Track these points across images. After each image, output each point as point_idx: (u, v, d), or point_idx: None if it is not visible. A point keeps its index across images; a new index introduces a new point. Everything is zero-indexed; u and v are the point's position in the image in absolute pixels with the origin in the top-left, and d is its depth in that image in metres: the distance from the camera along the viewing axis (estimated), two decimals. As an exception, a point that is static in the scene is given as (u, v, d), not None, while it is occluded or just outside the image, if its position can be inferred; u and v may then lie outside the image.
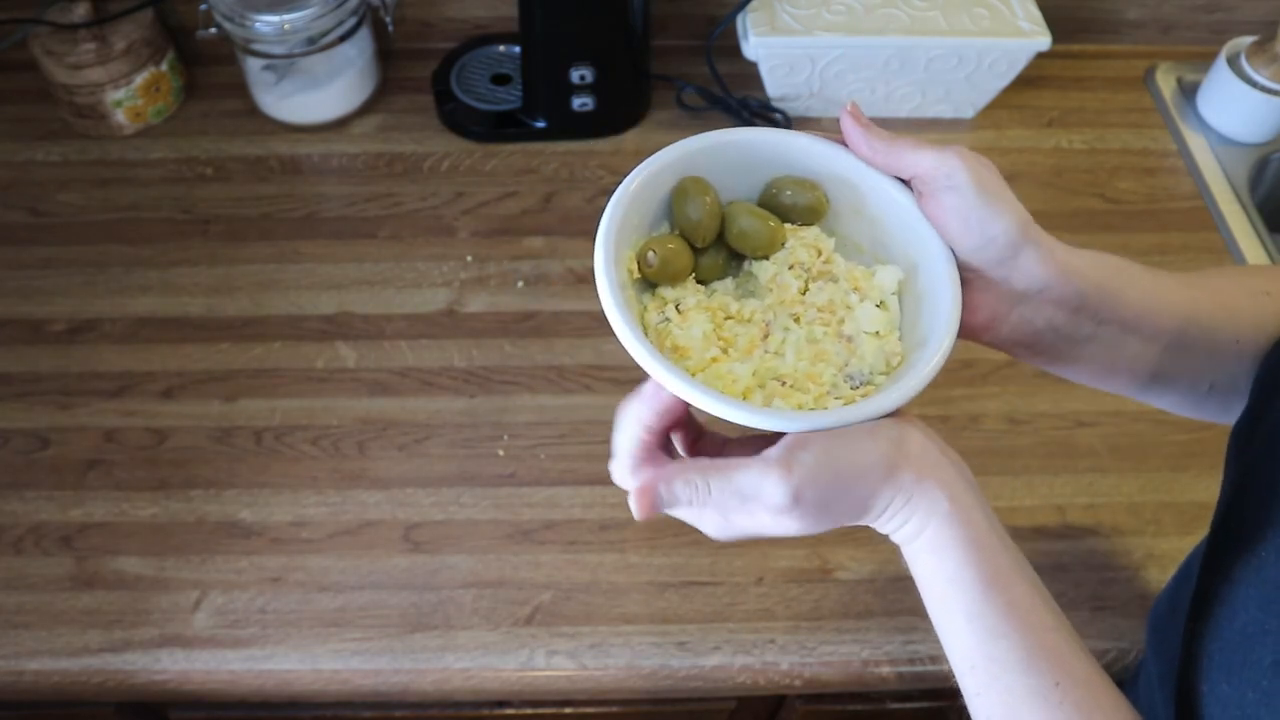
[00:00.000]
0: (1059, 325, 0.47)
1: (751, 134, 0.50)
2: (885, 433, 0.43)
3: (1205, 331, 0.50)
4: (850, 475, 0.42)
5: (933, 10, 1.00)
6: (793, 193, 0.50)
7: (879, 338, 0.48)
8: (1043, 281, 0.46)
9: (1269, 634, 0.40)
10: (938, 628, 0.45)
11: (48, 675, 0.71)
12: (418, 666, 0.71)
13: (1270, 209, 1.06)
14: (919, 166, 0.46)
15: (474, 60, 1.09)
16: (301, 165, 1.02)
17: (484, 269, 0.93)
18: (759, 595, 0.75)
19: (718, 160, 0.50)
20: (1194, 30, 1.14)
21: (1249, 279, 0.54)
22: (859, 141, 0.47)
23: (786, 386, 0.47)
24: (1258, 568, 0.43)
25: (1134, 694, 0.59)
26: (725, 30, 1.02)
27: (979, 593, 0.43)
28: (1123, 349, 0.49)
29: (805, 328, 0.48)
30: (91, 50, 0.98)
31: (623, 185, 0.47)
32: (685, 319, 0.47)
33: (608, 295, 0.44)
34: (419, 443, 0.82)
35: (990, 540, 0.44)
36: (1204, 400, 0.53)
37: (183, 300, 0.90)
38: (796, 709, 0.81)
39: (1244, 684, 0.41)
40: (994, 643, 0.43)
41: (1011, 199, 0.45)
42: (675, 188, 0.49)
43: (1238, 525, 0.46)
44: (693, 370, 0.46)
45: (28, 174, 1.00)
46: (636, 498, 0.43)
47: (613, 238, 0.46)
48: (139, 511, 0.78)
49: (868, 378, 0.47)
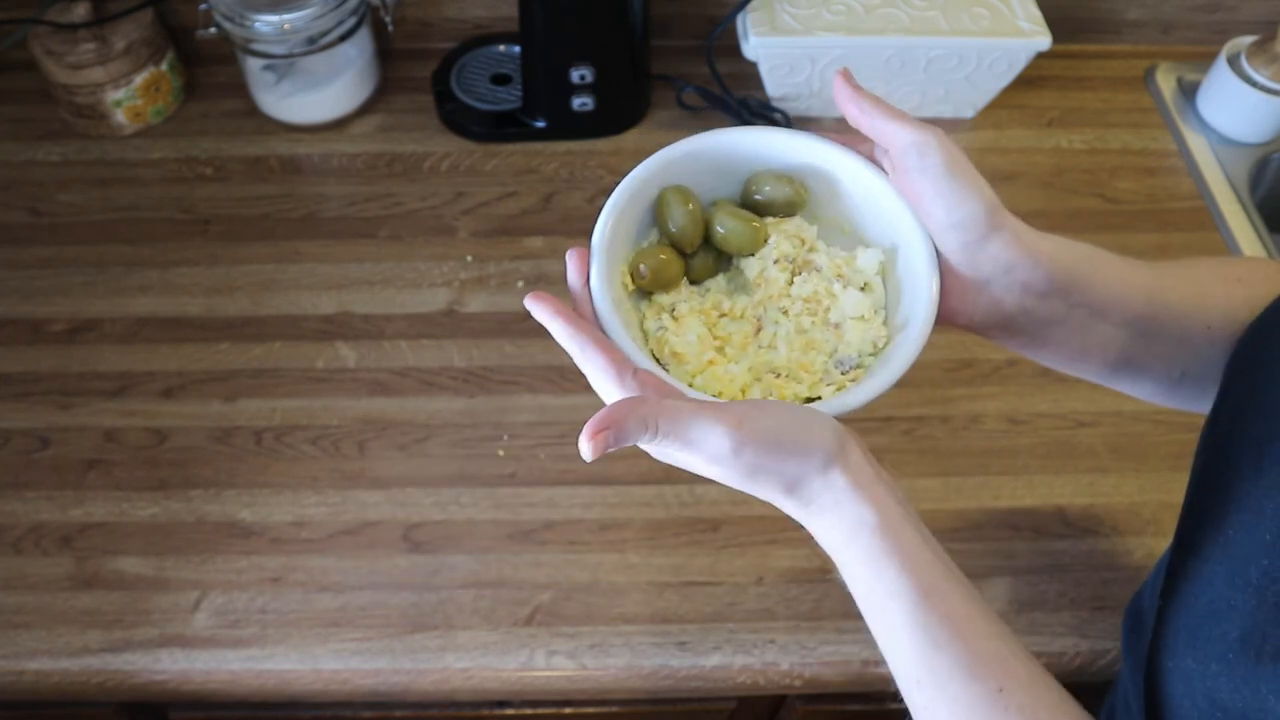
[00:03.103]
0: (1029, 308, 0.48)
1: (726, 136, 0.52)
2: (834, 430, 0.45)
3: (1176, 318, 0.50)
4: (791, 450, 0.43)
5: (933, 10, 1.00)
6: (771, 188, 0.52)
7: (864, 322, 0.50)
8: (1010, 264, 0.46)
9: (1235, 609, 0.41)
10: (880, 642, 0.46)
11: (48, 675, 0.71)
12: (418, 666, 0.71)
13: (1270, 209, 1.06)
14: (897, 138, 0.46)
15: (474, 60, 1.09)
16: (301, 165, 1.02)
17: (484, 269, 0.93)
18: (759, 595, 0.75)
19: (696, 165, 0.51)
20: (1194, 30, 1.14)
21: (1224, 267, 0.55)
22: (847, 101, 0.47)
23: (781, 378, 0.48)
24: (1224, 546, 0.43)
25: (1112, 697, 0.59)
26: (725, 30, 1.02)
27: (916, 604, 0.43)
28: (1093, 333, 0.49)
29: (794, 319, 0.50)
30: (91, 50, 0.98)
31: (605, 210, 0.49)
32: (679, 325, 0.49)
33: (610, 321, 0.46)
34: (419, 443, 0.82)
35: (924, 553, 0.44)
36: (1177, 387, 0.54)
37: (183, 300, 0.90)
38: (796, 709, 0.81)
39: (1208, 657, 0.41)
40: (936, 653, 0.43)
41: (981, 182, 0.46)
42: (658, 198, 0.51)
43: (1206, 503, 0.47)
44: (691, 374, 0.48)
45: (28, 174, 1.00)
46: (590, 439, 0.41)
47: (603, 260, 0.47)
48: (139, 511, 0.78)
49: (856, 361, 0.49)
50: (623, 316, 0.47)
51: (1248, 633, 0.39)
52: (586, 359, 0.45)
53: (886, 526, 0.44)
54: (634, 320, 0.49)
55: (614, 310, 0.46)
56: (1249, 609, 0.40)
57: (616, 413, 0.41)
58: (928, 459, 0.82)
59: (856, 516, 0.44)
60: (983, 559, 0.77)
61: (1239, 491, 0.44)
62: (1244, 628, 0.40)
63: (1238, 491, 0.44)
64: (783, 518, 0.45)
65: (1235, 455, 0.46)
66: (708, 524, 0.78)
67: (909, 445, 0.83)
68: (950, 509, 0.80)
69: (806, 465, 0.43)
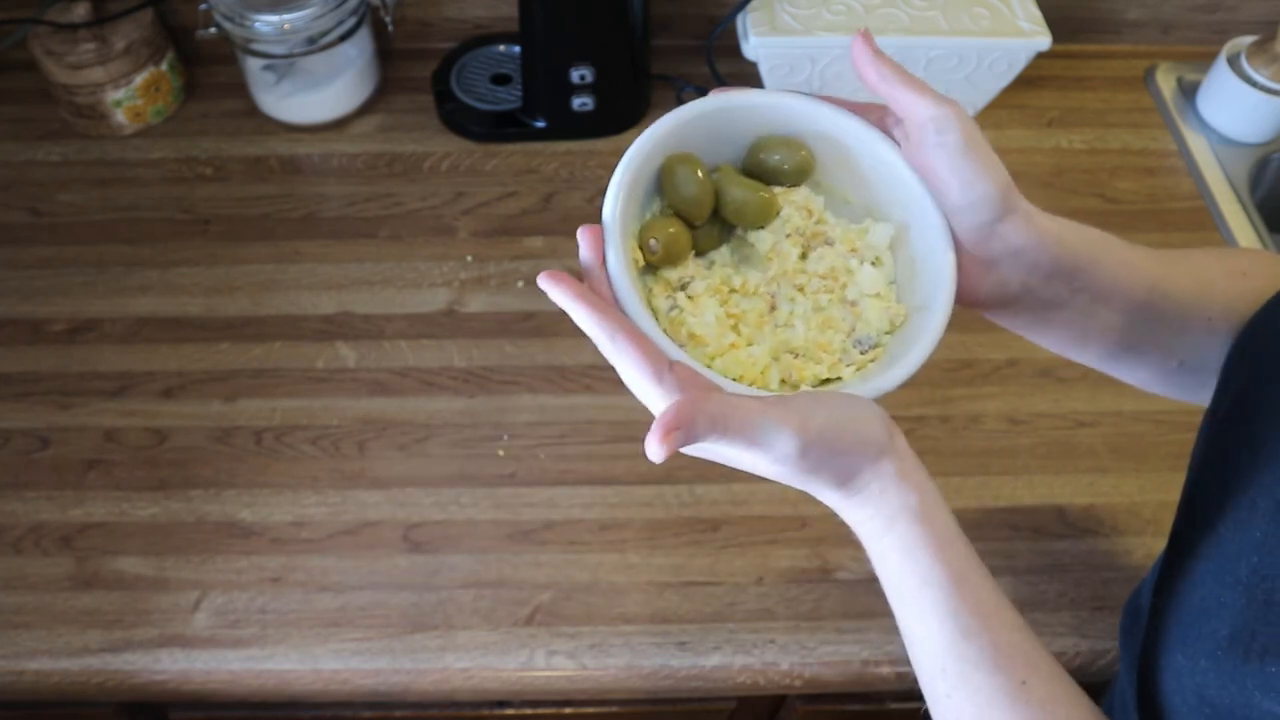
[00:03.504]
0: (1034, 289, 0.48)
1: (729, 98, 0.49)
2: (883, 419, 0.44)
3: (1176, 306, 0.50)
4: (851, 444, 0.42)
5: (933, 10, 1.00)
6: (780, 154, 0.49)
7: (880, 299, 0.48)
8: (1021, 245, 0.46)
9: (1225, 607, 0.41)
10: (905, 630, 0.46)
11: (48, 675, 0.71)
12: (418, 666, 0.71)
13: (1270, 209, 1.06)
14: (916, 110, 0.45)
15: (474, 60, 1.09)
16: (301, 165, 1.01)
17: (484, 269, 0.93)
18: (759, 595, 0.75)
19: (702, 130, 0.48)
20: (1194, 30, 1.14)
21: (1229, 259, 0.55)
22: (867, 64, 0.45)
23: (800, 359, 0.47)
24: (1216, 543, 0.43)
25: (1110, 695, 0.59)
26: (725, 30, 1.02)
27: (950, 592, 0.43)
28: (1094, 317, 0.49)
29: (810, 297, 0.48)
30: (91, 50, 0.98)
31: (614, 183, 0.46)
32: (696, 304, 0.47)
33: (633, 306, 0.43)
34: (419, 443, 0.82)
35: (957, 543, 0.45)
36: (1175, 376, 0.53)
37: (183, 300, 0.90)
38: (796, 709, 0.81)
39: (1198, 654, 0.41)
40: (965, 642, 0.43)
41: (997, 162, 0.45)
42: (663, 166, 0.48)
43: (1202, 502, 0.47)
44: (711, 357, 0.46)
45: (28, 174, 1.00)
46: (660, 440, 0.38)
47: (618, 237, 0.44)
48: (139, 511, 0.78)
49: (875, 340, 0.47)
50: (642, 299, 0.44)
51: (1236, 630, 0.39)
52: (619, 351, 0.42)
53: (925, 512, 0.44)
54: (645, 300, 0.46)
55: (635, 293, 0.44)
56: (1238, 606, 0.40)
57: (685, 412, 0.39)
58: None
59: (900, 502, 0.44)
60: (983, 559, 0.77)
61: (1233, 489, 0.44)
62: (1233, 625, 0.40)
63: (1232, 489, 0.44)
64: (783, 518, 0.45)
65: (1231, 453, 0.46)
66: (708, 524, 0.78)
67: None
68: (950, 509, 0.79)
69: (863, 458, 0.43)
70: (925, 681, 0.45)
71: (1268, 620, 0.38)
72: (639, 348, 0.42)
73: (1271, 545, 0.39)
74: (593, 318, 0.42)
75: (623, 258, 0.44)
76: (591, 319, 0.42)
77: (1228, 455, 0.46)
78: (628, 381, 0.43)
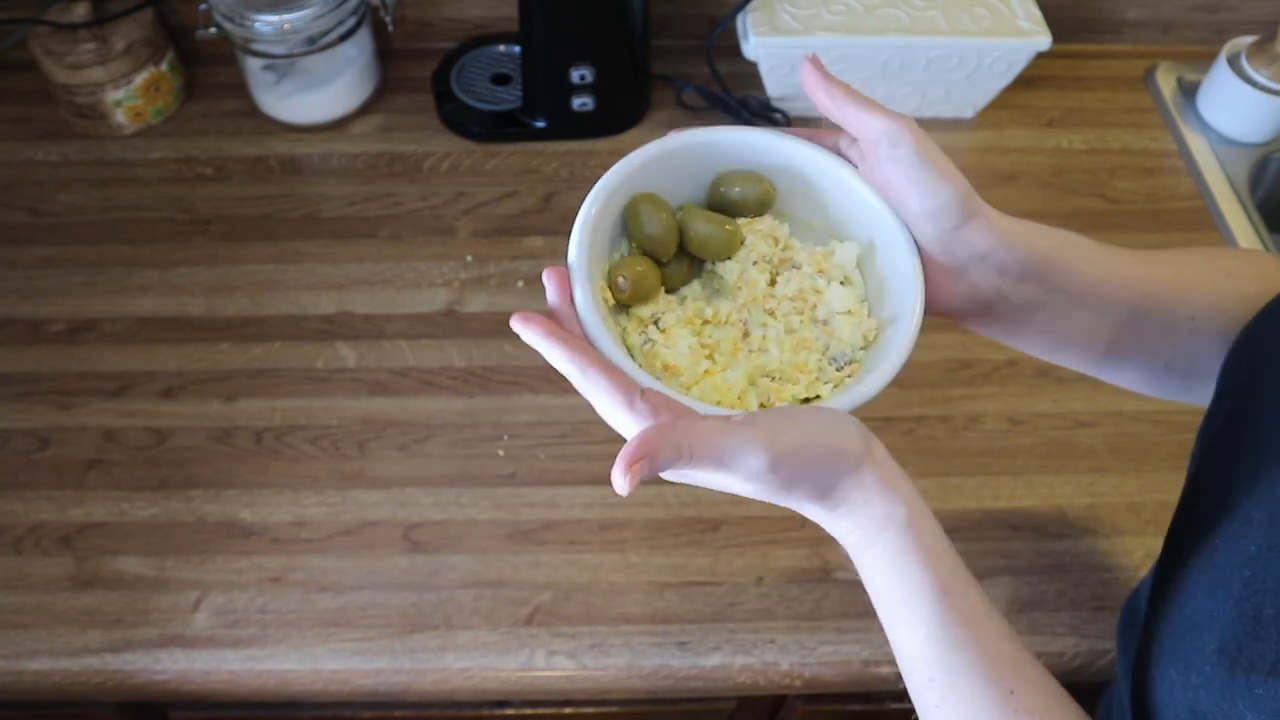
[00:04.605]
0: (1006, 293, 0.48)
1: (689, 137, 0.50)
2: (860, 429, 0.44)
3: (1160, 308, 0.50)
4: (825, 455, 0.43)
5: (933, 10, 1.00)
6: (741, 188, 0.51)
7: (852, 315, 0.49)
8: (986, 248, 0.46)
9: (1215, 620, 0.40)
10: (894, 640, 0.46)
11: (48, 675, 0.71)
12: (418, 666, 0.71)
13: (1270, 209, 1.06)
14: (869, 127, 0.46)
15: (474, 60, 1.09)
16: (301, 165, 1.02)
17: (484, 269, 0.93)
18: (759, 595, 0.75)
19: (662, 169, 0.50)
20: (1194, 30, 1.14)
21: (1216, 259, 0.54)
22: (816, 88, 0.46)
23: (776, 381, 0.48)
24: (1209, 554, 0.43)
25: (1109, 695, 0.59)
26: (725, 30, 1.02)
27: (937, 602, 0.43)
28: (1072, 320, 0.49)
29: (782, 320, 0.49)
30: (91, 50, 0.98)
31: (578, 226, 0.47)
32: (669, 336, 0.48)
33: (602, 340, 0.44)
34: (419, 443, 0.82)
35: (945, 553, 0.44)
36: (1161, 378, 0.53)
37: (183, 300, 0.90)
38: (796, 709, 0.81)
39: (1189, 668, 0.41)
40: (953, 653, 0.43)
41: (953, 169, 0.46)
42: (628, 207, 0.49)
43: (1196, 512, 0.46)
44: (686, 386, 0.47)
45: (28, 174, 1.00)
46: (624, 473, 0.39)
47: (584, 276, 0.46)
48: (139, 511, 0.78)
49: (850, 356, 0.48)
50: (612, 333, 0.46)
51: (1225, 644, 0.39)
52: (590, 383, 0.43)
53: (912, 522, 0.44)
54: (617, 336, 0.47)
55: (604, 327, 0.45)
56: (1228, 620, 0.40)
57: (648, 442, 0.39)
58: (928, 459, 0.82)
59: (886, 512, 0.44)
60: (983, 559, 0.77)
61: (1228, 502, 0.43)
62: (1222, 639, 0.39)
63: (1227, 502, 0.44)
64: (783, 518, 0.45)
65: (1227, 465, 0.45)
66: (708, 524, 0.78)
67: (909, 445, 0.83)
68: (950, 509, 0.80)
69: (839, 469, 0.43)
70: (914, 691, 0.45)
71: (1256, 636, 0.38)
72: (609, 378, 0.42)
73: (1265, 559, 0.39)
74: (564, 354, 0.43)
75: (590, 295, 0.45)
76: (563, 355, 0.43)
77: (1223, 469, 0.46)
78: (602, 413, 0.43)
